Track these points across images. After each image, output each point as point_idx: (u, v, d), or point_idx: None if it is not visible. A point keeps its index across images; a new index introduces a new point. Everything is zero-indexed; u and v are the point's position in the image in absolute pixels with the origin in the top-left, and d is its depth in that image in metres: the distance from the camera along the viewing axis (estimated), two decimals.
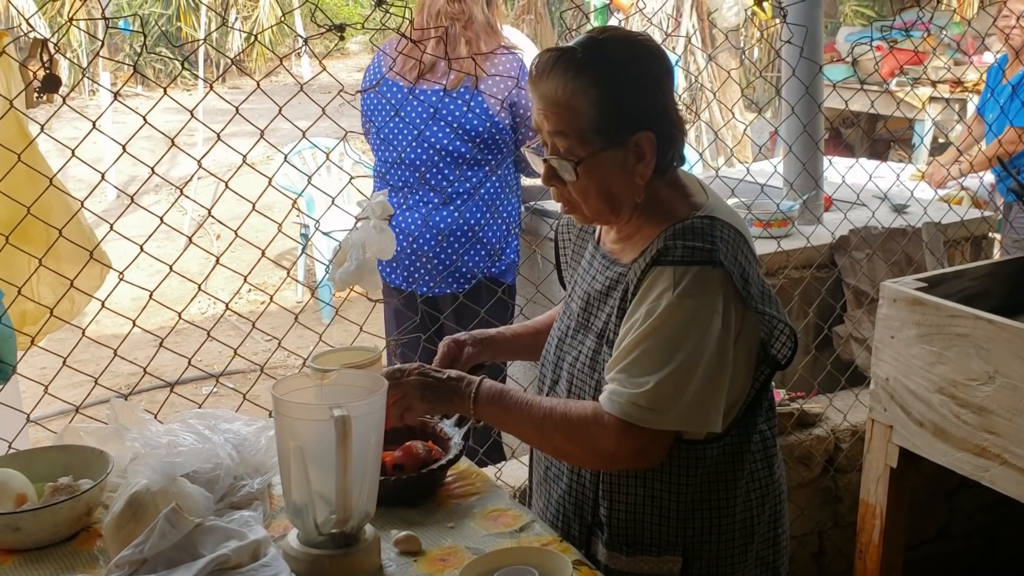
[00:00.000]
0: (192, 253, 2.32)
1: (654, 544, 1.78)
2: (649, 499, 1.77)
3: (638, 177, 1.72)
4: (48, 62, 2.06)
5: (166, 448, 1.84)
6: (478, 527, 1.80)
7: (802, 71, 3.13)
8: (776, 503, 1.86)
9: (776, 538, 1.87)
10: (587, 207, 1.75)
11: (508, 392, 1.78)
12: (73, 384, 3.36)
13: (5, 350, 2.11)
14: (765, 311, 1.69)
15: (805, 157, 3.40)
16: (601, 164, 1.70)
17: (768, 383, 1.80)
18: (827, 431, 3.12)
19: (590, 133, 1.68)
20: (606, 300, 1.79)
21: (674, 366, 1.62)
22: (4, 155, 2.19)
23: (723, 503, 1.78)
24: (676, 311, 1.63)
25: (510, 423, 1.80)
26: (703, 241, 1.66)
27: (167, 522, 1.58)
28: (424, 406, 1.79)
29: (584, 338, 1.83)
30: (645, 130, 1.69)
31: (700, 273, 1.64)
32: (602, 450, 1.69)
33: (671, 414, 1.64)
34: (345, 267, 2.29)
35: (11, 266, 2.31)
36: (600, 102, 1.68)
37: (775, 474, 1.86)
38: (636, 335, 1.65)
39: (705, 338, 1.63)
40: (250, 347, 5.13)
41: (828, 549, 3.20)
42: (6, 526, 1.72)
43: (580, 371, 1.82)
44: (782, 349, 1.73)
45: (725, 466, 1.77)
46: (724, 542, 1.79)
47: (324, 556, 1.63)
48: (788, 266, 3.27)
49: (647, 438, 1.66)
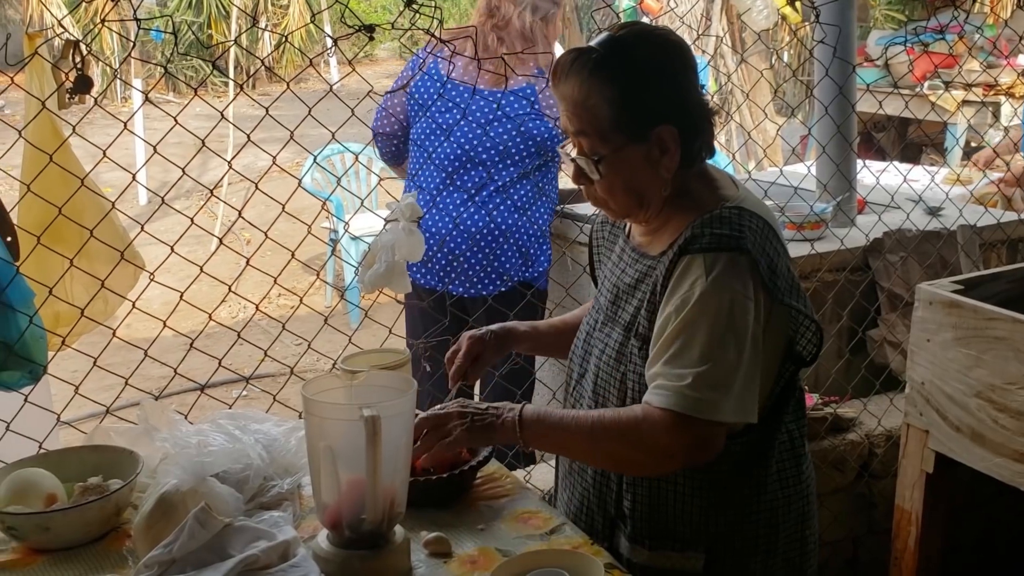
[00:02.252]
0: (222, 258, 2.33)
1: (677, 539, 1.76)
2: (672, 493, 1.75)
3: (664, 170, 1.72)
4: (80, 63, 2.07)
5: (196, 448, 1.84)
6: (508, 529, 1.79)
7: (835, 71, 3.10)
8: (804, 503, 1.84)
9: (804, 539, 1.85)
10: (614, 203, 1.77)
11: (550, 412, 1.76)
12: (104, 387, 3.37)
13: (36, 350, 2.12)
14: (792, 304, 1.68)
15: (838, 159, 3.36)
16: (624, 160, 1.71)
17: (794, 380, 1.79)
18: (861, 436, 3.08)
19: (610, 130, 1.70)
20: (634, 293, 1.78)
21: (718, 353, 1.62)
22: (37, 155, 2.21)
23: (748, 499, 1.76)
24: (711, 297, 1.62)
25: (559, 441, 1.78)
26: (730, 229, 1.67)
27: (196, 522, 1.58)
28: (469, 441, 1.78)
29: (611, 331, 1.82)
30: (666, 124, 1.70)
31: (730, 259, 1.64)
32: (657, 448, 1.65)
33: (722, 402, 1.62)
34: (374, 269, 2.29)
35: (45, 267, 2.32)
36: (617, 99, 1.69)
37: (803, 474, 1.83)
38: (675, 326, 1.64)
39: (742, 323, 1.63)
40: (280, 351, 5.13)
41: (862, 556, 3.16)
42: (36, 526, 1.72)
43: (606, 364, 1.81)
44: (807, 346, 1.73)
45: (749, 462, 1.75)
46: (748, 540, 1.77)
47: (354, 557, 1.62)
48: (821, 269, 3.23)
49: (701, 429, 1.63)
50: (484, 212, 3.24)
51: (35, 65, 2.28)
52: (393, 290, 2.30)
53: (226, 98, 12.52)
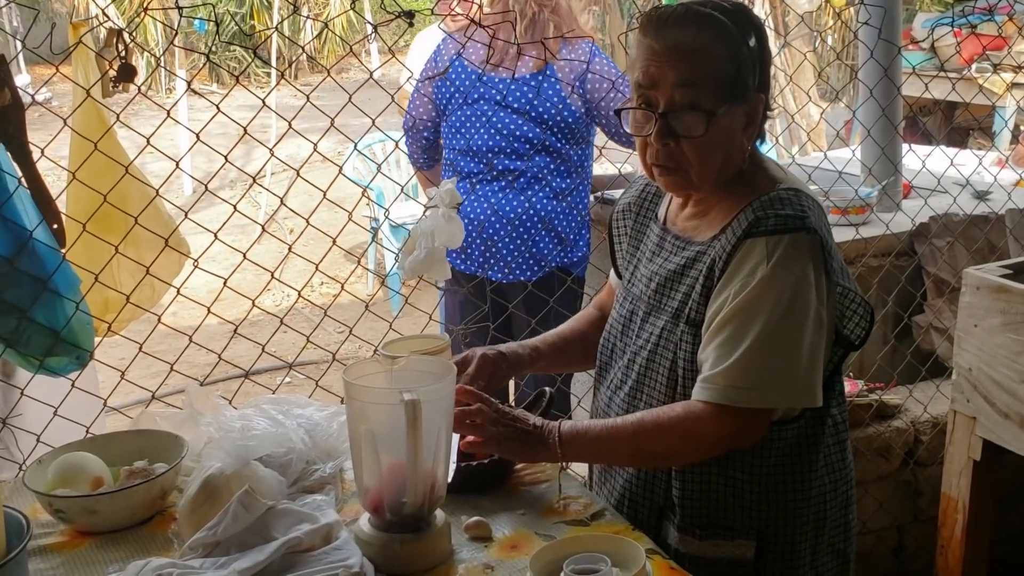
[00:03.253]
0: (265, 248, 2.36)
1: (728, 527, 1.75)
2: (723, 479, 1.74)
3: (746, 140, 1.72)
4: (124, 52, 2.09)
5: (240, 432, 1.85)
6: (548, 514, 1.78)
7: (880, 54, 3.05)
8: (847, 489, 1.83)
9: (847, 524, 1.84)
10: (699, 167, 1.69)
11: (590, 424, 1.76)
12: (150, 375, 3.41)
13: (83, 336, 2.15)
14: (844, 284, 1.69)
15: (883, 142, 3.32)
16: (727, 120, 1.67)
17: (840, 367, 1.77)
18: (907, 423, 3.04)
19: (725, 86, 1.65)
20: (681, 280, 1.76)
21: (773, 339, 1.60)
22: (84, 143, 2.24)
23: (799, 486, 1.75)
24: (771, 283, 1.61)
25: (601, 452, 1.78)
26: (793, 209, 1.65)
27: (240, 505, 1.59)
28: (515, 456, 1.79)
29: (656, 320, 1.80)
30: (760, 92, 1.70)
31: (793, 240, 1.62)
32: (702, 440, 1.67)
33: (769, 390, 1.63)
34: (414, 255, 2.29)
35: (93, 254, 2.34)
36: (735, 54, 1.66)
37: (847, 459, 1.83)
38: (730, 310, 1.63)
39: (800, 308, 1.61)
40: (322, 338, 5.18)
41: (908, 544, 3.12)
42: (83, 509, 1.74)
43: (651, 352, 1.78)
44: (856, 329, 1.72)
45: (800, 448, 1.74)
46: (798, 526, 1.76)
47: (395, 540, 1.62)
48: (867, 254, 3.19)
49: (745, 417, 1.64)
50: (523, 199, 3.24)
51: (80, 54, 2.30)
52: (432, 277, 2.30)
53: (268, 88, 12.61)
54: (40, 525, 1.78)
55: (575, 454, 1.77)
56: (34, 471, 1.82)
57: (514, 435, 1.75)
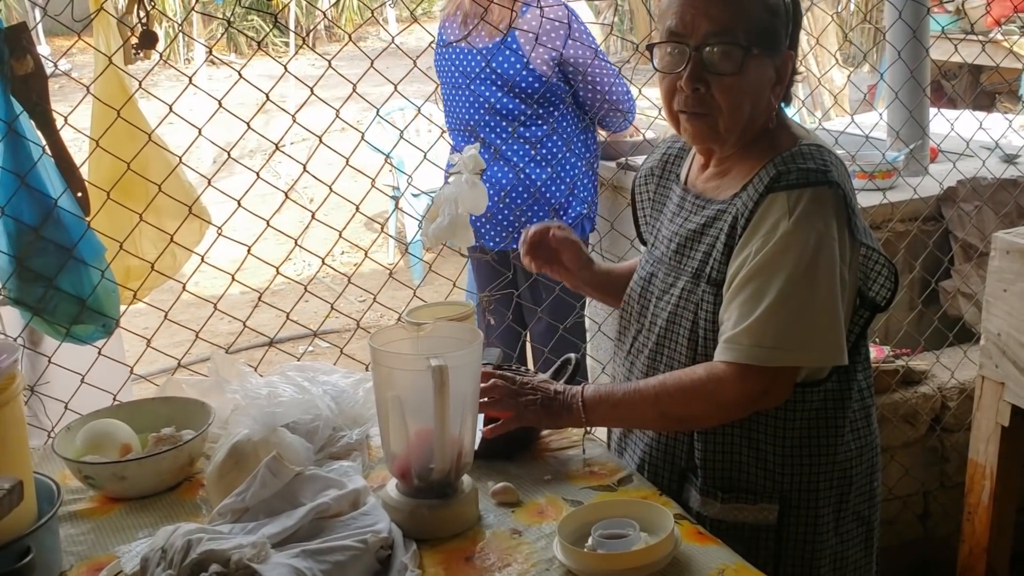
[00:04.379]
0: (287, 216, 2.36)
1: (751, 491, 1.74)
2: (747, 442, 1.72)
3: (774, 98, 1.70)
4: (145, 18, 2.08)
5: (266, 399, 1.86)
6: (575, 479, 1.78)
7: (908, 14, 3.00)
8: (872, 455, 1.82)
9: (872, 491, 1.83)
10: (728, 114, 1.66)
11: (612, 388, 1.75)
12: (175, 343, 3.43)
13: (108, 304, 2.16)
14: (868, 243, 1.67)
15: (911, 105, 3.27)
16: (758, 69, 1.65)
17: (865, 330, 1.75)
18: (933, 389, 3.01)
19: (757, 33, 1.64)
20: (701, 239, 1.74)
21: (796, 296, 1.58)
22: (106, 111, 2.23)
23: (823, 450, 1.73)
24: (792, 238, 1.59)
25: (625, 416, 1.76)
26: (816, 163, 1.63)
27: (268, 471, 1.60)
28: (539, 423, 1.79)
29: (676, 280, 1.78)
30: (789, 50, 1.69)
31: (815, 194, 1.60)
32: (726, 401, 1.65)
33: (794, 348, 1.60)
34: (438, 222, 2.28)
35: (115, 222, 2.35)
36: (772, 4, 1.65)
37: (872, 425, 1.81)
38: (750, 268, 1.61)
39: (823, 264, 1.59)
40: (345, 307, 5.19)
41: (934, 510, 3.11)
42: (112, 475, 1.75)
43: (672, 313, 1.76)
44: (881, 290, 1.70)
45: (827, 412, 1.72)
46: (822, 491, 1.74)
47: (423, 506, 1.62)
48: (893, 219, 3.15)
49: (769, 376, 1.62)
50: (507, 169, 3.25)
51: (101, 22, 2.29)
52: (457, 243, 2.29)
53: (287, 58, 12.58)
54: (70, 491, 1.79)
55: (599, 419, 1.76)
56: (63, 438, 1.83)
57: (536, 403, 1.75)
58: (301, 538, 1.53)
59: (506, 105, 3.26)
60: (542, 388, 1.77)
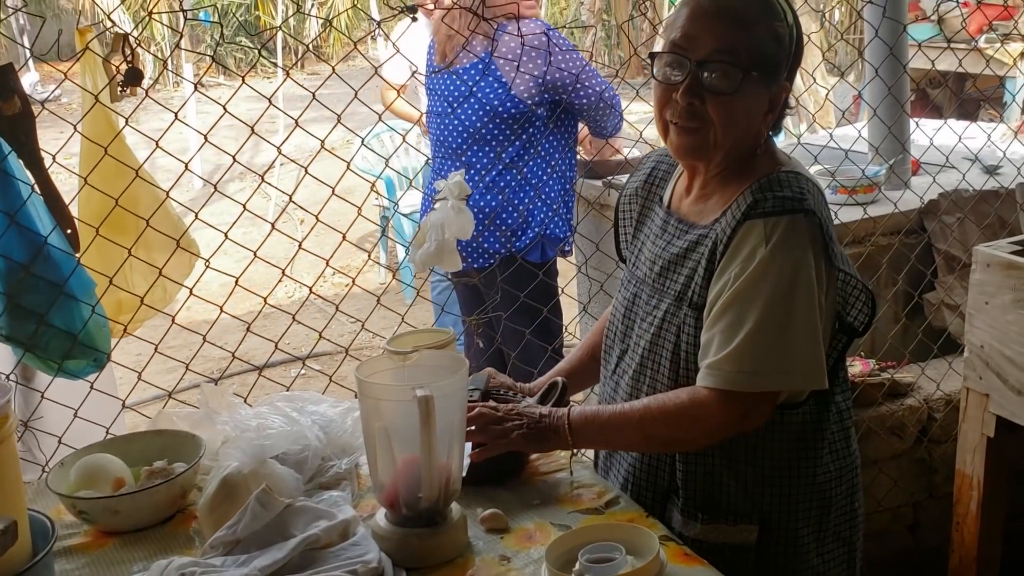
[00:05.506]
0: (277, 239, 2.38)
1: (731, 511, 1.76)
2: (727, 464, 1.75)
3: (764, 125, 1.73)
4: (130, 56, 2.11)
5: (255, 431, 1.88)
6: (563, 503, 1.80)
7: (885, 31, 3.04)
8: (852, 476, 1.84)
9: (853, 512, 1.85)
10: (721, 128, 1.69)
11: (598, 411, 1.78)
12: (167, 370, 3.44)
13: (99, 338, 2.18)
14: (845, 270, 1.69)
15: (890, 120, 3.31)
16: (754, 92, 1.68)
17: (844, 354, 1.77)
18: (919, 401, 3.04)
19: (759, 59, 1.67)
20: (684, 263, 1.76)
21: (774, 323, 1.61)
22: (94, 148, 2.26)
23: (803, 472, 1.76)
24: (769, 266, 1.62)
25: (610, 438, 1.80)
26: (792, 192, 1.66)
27: (258, 503, 1.62)
28: (525, 446, 1.81)
29: (659, 303, 1.80)
30: (785, 82, 1.72)
31: (791, 223, 1.63)
32: (709, 427, 1.68)
33: (774, 373, 1.63)
34: (425, 248, 2.30)
35: (106, 257, 2.37)
36: (777, 34, 1.69)
37: (851, 447, 1.83)
38: (729, 295, 1.64)
39: (801, 290, 1.62)
40: (336, 329, 5.20)
41: (923, 521, 3.13)
42: (105, 509, 1.77)
43: (654, 336, 1.79)
44: (859, 316, 1.73)
45: (805, 434, 1.75)
46: (801, 512, 1.76)
47: (412, 534, 1.64)
48: (876, 233, 3.18)
49: (750, 401, 1.65)
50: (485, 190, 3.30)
51: (87, 60, 2.32)
52: (444, 268, 2.32)
53: (276, 79, 12.61)
54: (64, 526, 1.80)
55: (585, 441, 1.80)
56: (56, 473, 1.84)
57: (522, 428, 1.77)
58: (292, 569, 1.55)
59: (487, 127, 3.30)
60: (527, 413, 1.80)
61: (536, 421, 1.78)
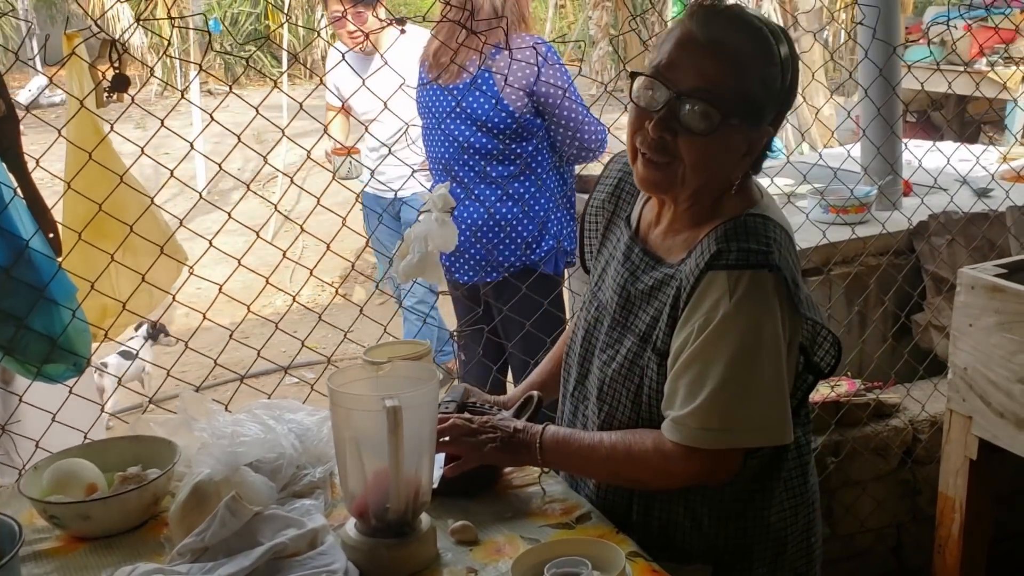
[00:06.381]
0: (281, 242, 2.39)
1: (684, 551, 1.74)
2: (683, 506, 1.74)
3: (739, 168, 1.66)
4: (118, 62, 2.12)
5: (230, 438, 1.87)
6: (534, 517, 1.80)
7: (876, 53, 3.05)
8: (809, 512, 1.81)
9: (809, 547, 1.83)
10: (691, 167, 1.62)
11: (570, 437, 1.76)
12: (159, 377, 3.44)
13: (79, 343, 2.19)
14: (812, 317, 1.65)
15: (883, 142, 3.31)
16: (731, 136, 1.61)
17: (808, 394, 1.75)
18: (905, 422, 3.04)
19: (743, 102, 1.59)
20: (650, 301, 1.72)
21: (737, 379, 1.57)
22: (79, 153, 2.27)
23: (758, 512, 1.74)
24: (735, 320, 1.57)
25: (577, 466, 1.80)
26: (758, 243, 1.60)
27: (227, 511, 1.62)
28: (498, 459, 1.81)
29: (621, 337, 1.77)
30: (770, 127, 1.66)
31: (755, 277, 1.58)
32: (674, 477, 1.67)
33: (737, 431, 1.60)
34: (408, 259, 2.31)
35: (92, 262, 2.38)
36: (768, 80, 1.61)
37: (808, 482, 1.81)
38: (693, 350, 1.60)
39: (766, 345, 1.58)
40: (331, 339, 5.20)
41: (907, 542, 3.12)
42: (76, 514, 1.77)
43: (616, 372, 1.76)
44: (825, 357, 1.70)
45: (762, 476, 1.73)
46: (757, 551, 1.75)
47: (381, 545, 1.64)
48: (864, 253, 3.19)
49: (716, 457, 1.62)
50: (477, 204, 3.31)
51: (74, 65, 2.34)
52: (427, 280, 2.32)
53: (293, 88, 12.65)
54: (35, 531, 1.81)
55: (554, 463, 1.80)
56: (30, 477, 1.85)
57: (495, 440, 1.77)
58: None
59: (480, 140, 3.30)
60: (501, 427, 1.80)
61: (510, 435, 1.78)
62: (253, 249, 2.44)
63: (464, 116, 3.28)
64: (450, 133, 3.34)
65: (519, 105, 3.24)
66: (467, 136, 3.31)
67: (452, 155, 3.37)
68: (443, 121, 3.34)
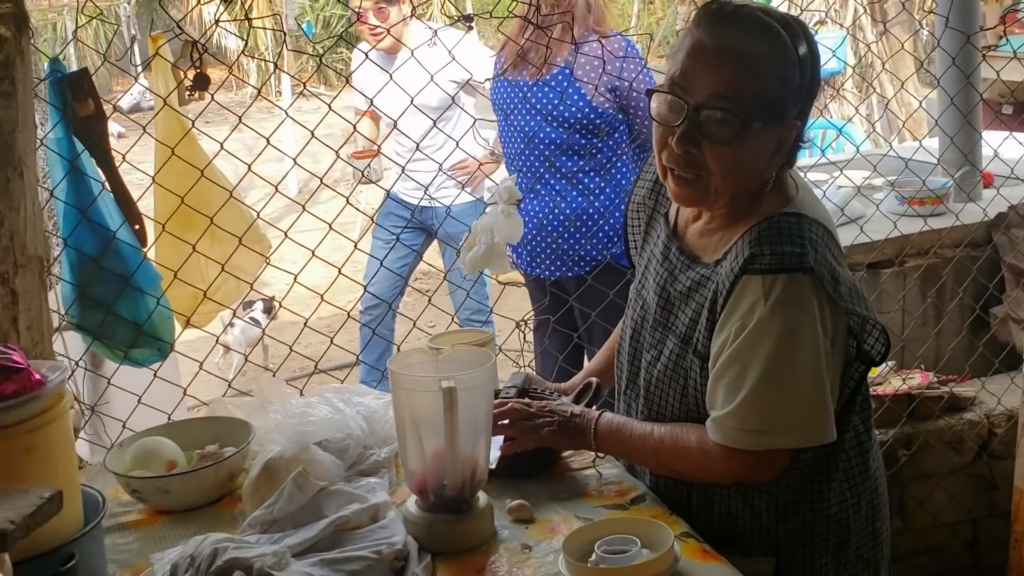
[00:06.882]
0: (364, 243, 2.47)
1: (746, 544, 1.76)
2: (741, 500, 1.75)
3: (772, 165, 1.65)
4: (198, 62, 2.23)
5: (299, 418, 1.96)
6: (590, 498, 1.85)
7: (950, 42, 3.00)
8: (873, 498, 1.81)
9: (875, 532, 1.82)
10: (719, 179, 1.61)
11: (623, 426, 1.80)
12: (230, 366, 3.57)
13: (163, 329, 2.31)
14: (856, 311, 1.63)
15: (964, 132, 3.25)
16: (756, 139, 1.60)
17: (863, 380, 1.74)
18: (980, 415, 2.99)
19: (762, 104, 1.58)
20: (688, 302, 1.73)
21: (775, 381, 1.58)
22: (166, 150, 2.39)
23: (817, 504, 1.74)
24: (770, 324, 1.57)
25: (629, 454, 1.84)
26: (792, 245, 1.59)
27: (295, 485, 1.70)
28: (556, 443, 1.87)
29: (664, 337, 1.78)
30: (797, 120, 1.65)
31: (790, 280, 1.57)
32: (718, 475, 1.71)
33: (777, 432, 1.61)
34: (474, 251, 2.38)
35: (181, 253, 2.49)
36: (785, 76, 1.59)
37: (870, 469, 1.80)
38: (730, 353, 1.61)
39: (803, 347, 1.58)
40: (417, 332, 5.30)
41: (983, 538, 3.08)
42: (157, 489, 1.88)
43: (661, 373, 1.78)
44: (876, 345, 1.67)
45: (819, 467, 1.73)
46: (819, 542, 1.75)
47: (439, 520, 1.71)
48: (938, 244, 3.15)
49: (755, 458, 1.64)
50: (559, 199, 3.35)
51: (158, 65, 2.46)
52: (493, 271, 2.39)
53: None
54: (120, 504, 1.91)
55: (607, 448, 1.85)
56: (115, 454, 1.96)
57: (553, 424, 1.83)
58: (321, 548, 1.62)
59: (562, 136, 3.34)
60: (559, 411, 1.85)
61: (567, 420, 1.83)
62: (342, 248, 2.50)
63: (546, 112, 3.31)
64: (531, 129, 3.37)
65: (601, 100, 3.28)
66: (548, 132, 3.34)
67: (532, 152, 3.40)
68: (523, 117, 3.37)
